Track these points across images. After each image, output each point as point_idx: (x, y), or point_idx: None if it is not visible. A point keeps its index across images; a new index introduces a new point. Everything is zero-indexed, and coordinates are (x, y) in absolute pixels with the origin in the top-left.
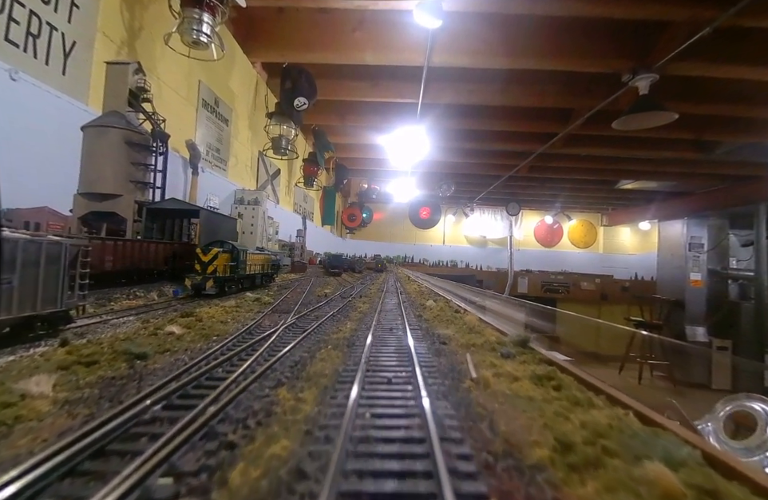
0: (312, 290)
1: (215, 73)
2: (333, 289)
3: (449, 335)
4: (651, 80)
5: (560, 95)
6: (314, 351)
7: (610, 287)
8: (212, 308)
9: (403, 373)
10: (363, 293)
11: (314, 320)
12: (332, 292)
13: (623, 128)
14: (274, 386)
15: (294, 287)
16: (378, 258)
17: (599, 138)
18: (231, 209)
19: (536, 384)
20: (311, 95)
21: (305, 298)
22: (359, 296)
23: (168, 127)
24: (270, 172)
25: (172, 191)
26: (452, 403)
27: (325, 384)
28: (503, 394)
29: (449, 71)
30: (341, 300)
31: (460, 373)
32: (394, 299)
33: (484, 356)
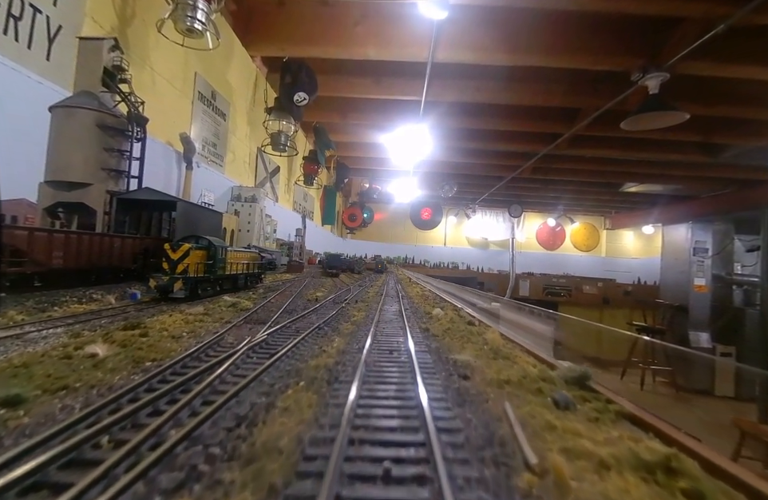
0: (303, 293)
1: (213, 66)
2: (326, 292)
3: (470, 362)
4: (661, 79)
5: (567, 94)
6: (277, 394)
7: (612, 291)
8: (172, 317)
9: (411, 451)
10: (360, 297)
11: (292, 335)
12: (325, 296)
13: (632, 128)
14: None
15: (283, 289)
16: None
17: (605, 139)
18: (228, 206)
19: (648, 483)
20: (312, 90)
21: (291, 303)
22: (355, 301)
23: (162, 119)
24: (269, 170)
25: (165, 185)
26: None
27: (269, 482)
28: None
29: (454, 68)
30: (332, 307)
31: (503, 446)
32: (395, 306)
33: (530, 405)
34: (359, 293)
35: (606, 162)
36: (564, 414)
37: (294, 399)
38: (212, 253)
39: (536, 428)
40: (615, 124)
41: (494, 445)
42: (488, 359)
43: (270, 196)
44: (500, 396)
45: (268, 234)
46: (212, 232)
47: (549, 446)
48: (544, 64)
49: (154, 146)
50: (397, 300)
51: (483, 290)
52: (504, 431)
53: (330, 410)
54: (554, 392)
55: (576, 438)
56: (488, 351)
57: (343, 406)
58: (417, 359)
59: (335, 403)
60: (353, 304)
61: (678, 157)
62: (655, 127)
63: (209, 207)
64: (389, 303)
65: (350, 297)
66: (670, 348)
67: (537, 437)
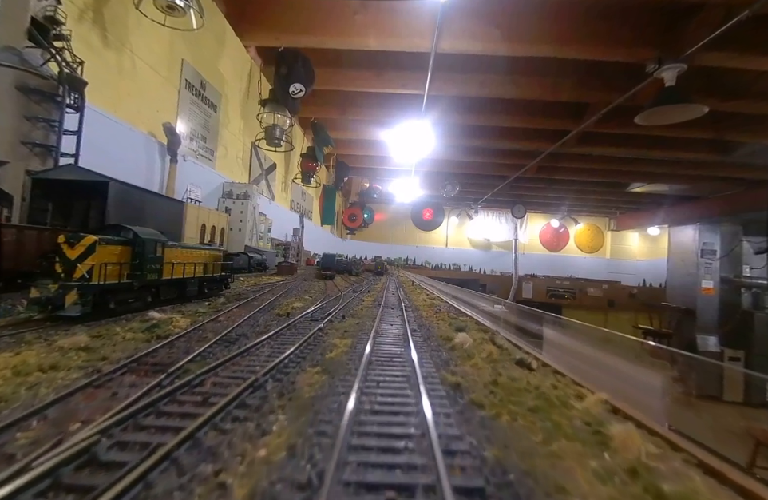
0: (277, 302)
1: (202, 54)
2: (309, 301)
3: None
4: (678, 70)
5: (576, 88)
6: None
7: (617, 294)
8: (18, 355)
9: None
10: (351, 309)
11: (178, 420)
12: (304, 308)
13: (647, 122)
14: None
15: (254, 296)
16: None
17: (614, 137)
18: (218, 203)
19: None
20: (308, 81)
21: (248, 321)
22: (341, 317)
23: (143, 108)
24: (264, 167)
25: (147, 179)
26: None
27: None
28: None
29: (458, 59)
30: (306, 328)
31: None
32: (397, 325)
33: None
34: (351, 302)
35: (613, 161)
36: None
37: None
38: (138, 250)
39: None
40: (625, 120)
41: None
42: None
43: (265, 194)
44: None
45: (262, 233)
46: (167, 226)
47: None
48: (553, 55)
49: (134, 137)
50: (400, 314)
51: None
52: None
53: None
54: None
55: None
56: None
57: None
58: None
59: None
60: (337, 322)
61: (689, 156)
62: (671, 121)
63: (195, 203)
64: (389, 320)
65: (337, 309)
66: (676, 353)
67: None
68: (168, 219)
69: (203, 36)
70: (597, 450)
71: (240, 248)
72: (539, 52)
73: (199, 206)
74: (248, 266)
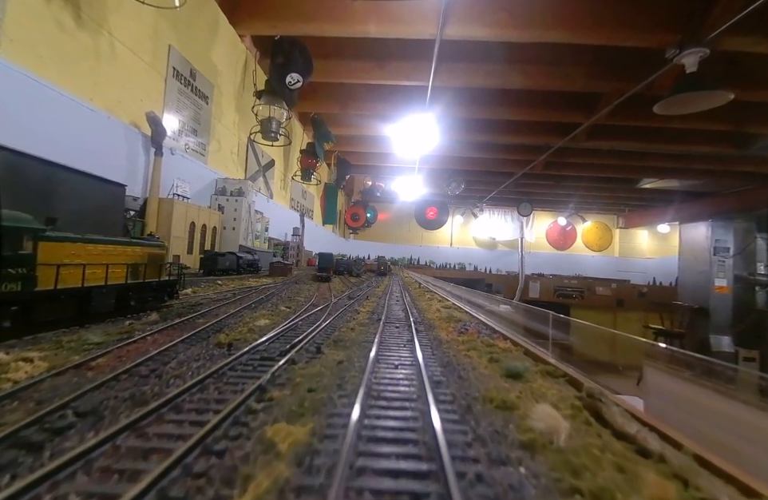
0: (238, 319)
1: (192, 41)
2: (284, 315)
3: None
4: (700, 55)
5: (589, 77)
6: None
7: (626, 293)
8: None
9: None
10: (336, 328)
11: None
12: (269, 327)
13: (666, 112)
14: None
15: (212, 308)
16: (380, 259)
17: (627, 130)
18: (211, 201)
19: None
20: (306, 71)
21: (141, 368)
22: (317, 348)
23: (124, 95)
24: (262, 163)
25: (129, 174)
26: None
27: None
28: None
29: (464, 47)
30: (231, 386)
31: None
32: (404, 370)
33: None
34: (342, 315)
35: (624, 156)
36: None
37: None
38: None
39: None
40: (638, 112)
41: None
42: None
43: (263, 191)
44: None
45: (258, 232)
46: (100, 216)
47: None
48: (567, 40)
49: (113, 127)
50: (409, 338)
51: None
52: None
53: None
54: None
55: None
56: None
57: None
58: None
59: None
60: (304, 362)
61: (704, 149)
62: (692, 110)
63: (183, 199)
64: (392, 352)
65: (316, 330)
66: (687, 355)
67: None
68: (101, 206)
69: (193, 22)
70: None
71: (234, 248)
72: (551, 38)
73: (188, 203)
74: (237, 267)
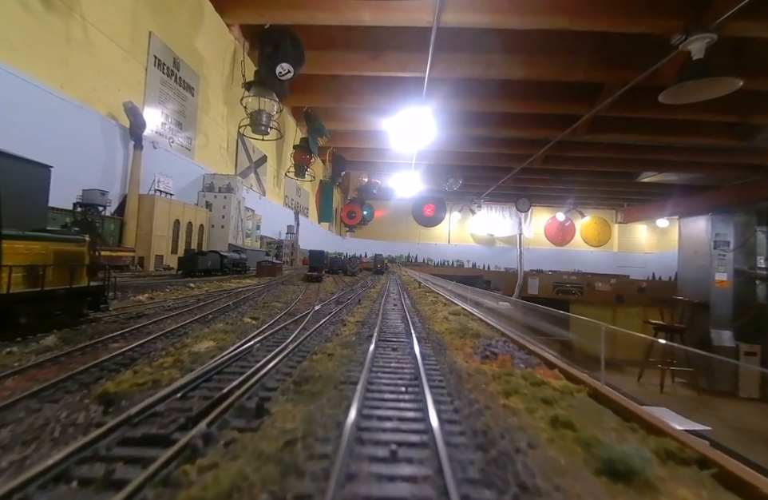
0: (172, 339)
1: (175, 28)
2: (245, 330)
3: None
4: (707, 41)
5: (591, 67)
6: None
7: (626, 288)
8: None
9: None
10: (309, 350)
11: None
12: (213, 353)
13: (672, 101)
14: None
15: (152, 321)
16: (378, 257)
17: (628, 122)
18: (198, 197)
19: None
20: (297, 61)
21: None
22: (256, 411)
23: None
24: (253, 159)
25: (105, 169)
26: None
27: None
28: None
29: (462, 37)
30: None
31: None
32: (414, 445)
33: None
34: (321, 330)
35: (624, 149)
36: None
37: None
38: None
39: None
40: (641, 102)
41: None
42: None
43: (255, 188)
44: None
45: (249, 230)
46: (16, 201)
47: None
48: (568, 27)
49: (88, 118)
50: (414, 372)
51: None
52: None
53: None
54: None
55: None
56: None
57: None
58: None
59: None
60: (199, 471)
61: (706, 141)
62: (700, 98)
63: (166, 196)
64: (386, 425)
65: (277, 358)
66: (687, 350)
67: None
68: (16, 192)
69: (176, 8)
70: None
71: (223, 247)
72: (552, 24)
73: (171, 199)
74: (220, 267)
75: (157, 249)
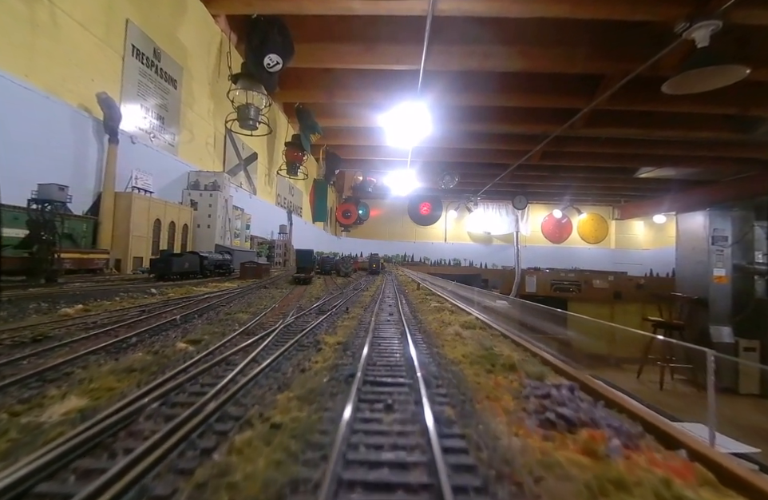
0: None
1: (155, 16)
2: (137, 383)
3: None
4: (712, 28)
5: (591, 58)
6: None
7: (624, 285)
8: None
9: None
10: (234, 431)
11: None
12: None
13: (675, 91)
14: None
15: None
16: (373, 257)
17: (627, 115)
18: (183, 196)
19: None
20: (286, 53)
21: None
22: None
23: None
24: (243, 156)
25: (77, 163)
26: None
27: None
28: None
29: (458, 28)
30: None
31: None
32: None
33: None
34: (277, 367)
35: (623, 143)
36: None
37: None
38: None
39: None
40: (641, 95)
41: None
42: None
43: (245, 187)
44: None
45: (238, 230)
46: None
47: None
48: (570, 15)
49: (55, 108)
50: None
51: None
52: None
53: None
54: None
55: None
56: None
57: None
58: None
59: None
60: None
61: (706, 135)
62: (704, 88)
63: (145, 194)
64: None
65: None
66: (686, 347)
67: None
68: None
69: None
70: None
71: (210, 247)
72: (552, 12)
73: (151, 197)
74: (200, 269)
75: (136, 251)
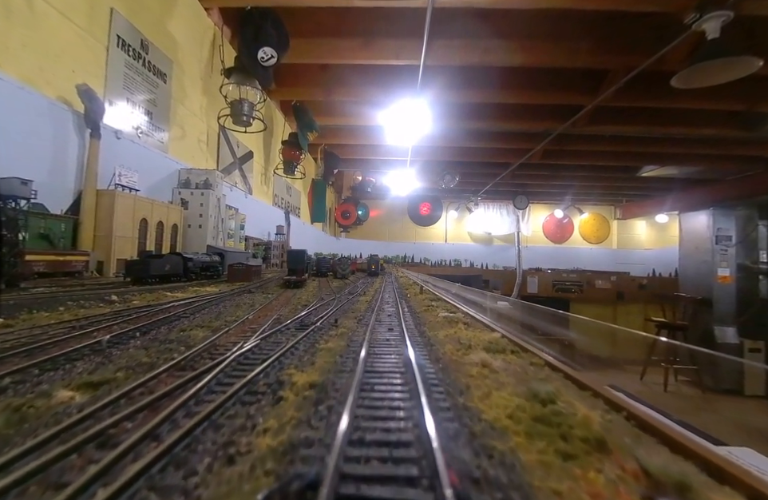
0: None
1: (142, 7)
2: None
3: None
4: (723, 19)
5: (595, 52)
6: None
7: (626, 285)
8: None
9: None
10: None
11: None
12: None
13: (685, 85)
14: None
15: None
16: (372, 258)
17: (631, 113)
18: (173, 194)
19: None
20: (281, 46)
21: None
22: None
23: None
24: (238, 155)
25: (55, 159)
26: None
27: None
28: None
29: (458, 21)
30: None
31: None
32: None
33: None
34: (204, 438)
35: (626, 142)
36: None
37: None
38: None
39: None
40: (647, 91)
41: None
42: None
43: (240, 186)
44: None
45: (232, 230)
46: None
47: None
48: (574, 6)
49: (32, 102)
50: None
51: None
52: None
53: None
54: None
55: None
56: None
57: None
58: None
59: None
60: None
61: (711, 132)
62: (716, 81)
63: (130, 192)
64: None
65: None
66: (691, 348)
67: None
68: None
69: None
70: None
71: (201, 248)
72: (554, 3)
73: (136, 196)
74: (184, 272)
75: (120, 252)
